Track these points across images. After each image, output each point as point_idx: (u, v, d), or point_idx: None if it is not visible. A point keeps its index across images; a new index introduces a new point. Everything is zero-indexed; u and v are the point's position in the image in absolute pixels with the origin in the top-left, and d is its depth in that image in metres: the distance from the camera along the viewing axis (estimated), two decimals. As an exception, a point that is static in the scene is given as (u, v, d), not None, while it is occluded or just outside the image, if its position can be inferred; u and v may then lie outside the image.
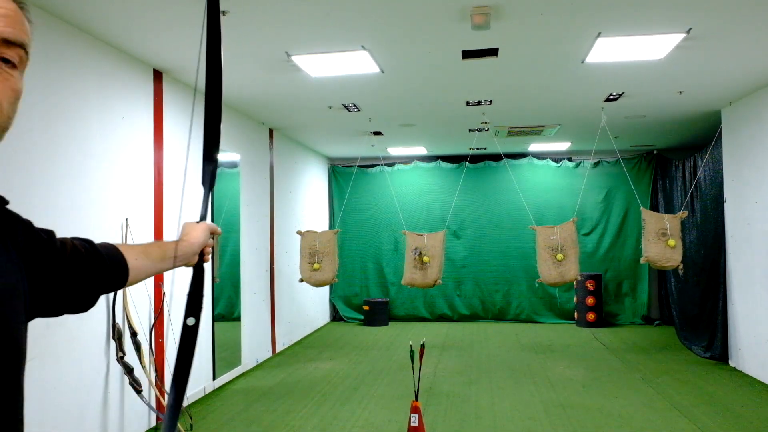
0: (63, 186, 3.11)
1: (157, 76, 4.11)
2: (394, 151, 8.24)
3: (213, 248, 1.22)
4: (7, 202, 0.85)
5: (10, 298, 0.76)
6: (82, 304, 1.01)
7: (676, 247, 5.35)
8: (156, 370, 3.95)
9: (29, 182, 2.86)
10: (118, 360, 3.47)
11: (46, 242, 0.92)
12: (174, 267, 1.17)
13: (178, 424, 3.75)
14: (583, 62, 4.10)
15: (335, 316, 8.83)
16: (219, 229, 1.24)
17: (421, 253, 5.89)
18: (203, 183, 1.18)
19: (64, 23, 3.15)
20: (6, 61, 0.69)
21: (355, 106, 5.38)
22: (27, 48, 0.71)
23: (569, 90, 4.94)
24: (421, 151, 8.36)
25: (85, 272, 0.99)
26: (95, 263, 1.01)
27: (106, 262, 1.04)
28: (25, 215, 0.90)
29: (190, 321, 1.04)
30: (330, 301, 8.74)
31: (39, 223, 0.94)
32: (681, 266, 5.39)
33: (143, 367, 3.69)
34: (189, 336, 1.04)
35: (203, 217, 1.21)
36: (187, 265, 1.19)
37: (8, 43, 0.68)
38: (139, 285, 3.64)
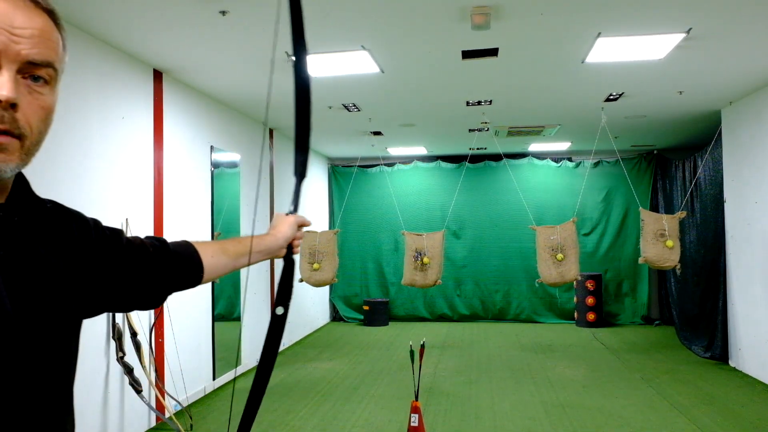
0: (63, 186, 3.11)
1: (157, 76, 4.11)
2: (394, 151, 8.24)
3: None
4: (51, 204, 0.85)
5: (52, 301, 0.76)
6: (150, 301, 1.02)
7: (674, 248, 5.35)
8: (156, 370, 3.95)
9: (29, 182, 2.86)
10: (118, 360, 3.47)
11: (110, 239, 0.94)
12: (253, 263, 1.17)
13: (178, 424, 3.75)
14: (583, 62, 4.10)
15: (335, 316, 8.83)
16: (308, 221, 1.23)
17: (422, 255, 5.89)
18: (295, 173, 1.13)
19: (64, 23, 3.15)
20: (36, 78, 0.70)
21: (355, 106, 5.39)
22: (55, 65, 0.72)
23: (569, 90, 4.94)
24: (421, 151, 8.36)
25: (152, 269, 0.99)
26: (164, 261, 1.02)
27: (177, 260, 1.05)
28: None
29: (279, 310, 1.06)
30: (330, 301, 8.74)
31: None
32: (679, 266, 5.39)
33: (143, 367, 3.69)
34: (277, 324, 1.06)
35: (295, 209, 1.18)
36: (276, 257, 1.20)
37: (35, 64, 0.69)
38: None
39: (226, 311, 5.38)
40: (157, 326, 4.02)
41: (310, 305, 7.74)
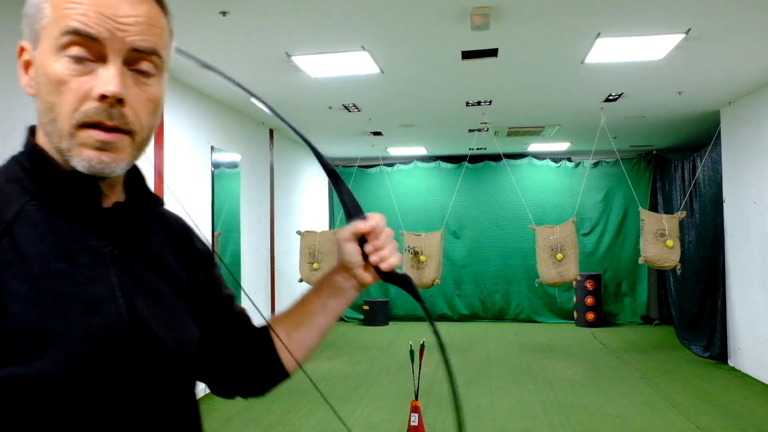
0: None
1: (158, 76, 4.11)
2: (394, 151, 8.25)
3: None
4: (160, 204, 0.80)
5: (170, 311, 0.74)
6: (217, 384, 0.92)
7: (674, 248, 5.37)
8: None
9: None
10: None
11: (216, 283, 0.87)
12: (318, 304, 0.91)
13: None
14: (582, 63, 4.11)
15: (335, 316, 8.83)
16: (363, 225, 0.85)
17: (415, 250, 5.89)
18: (333, 182, 0.92)
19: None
20: (143, 69, 0.68)
21: (355, 106, 5.39)
22: (161, 53, 0.69)
23: (569, 90, 4.95)
24: (421, 151, 8.37)
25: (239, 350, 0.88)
26: (255, 348, 0.89)
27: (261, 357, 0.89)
28: None
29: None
30: (330, 301, 8.73)
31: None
32: (679, 266, 5.40)
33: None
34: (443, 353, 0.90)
35: (350, 215, 0.88)
36: (350, 282, 0.90)
37: (139, 51, 0.66)
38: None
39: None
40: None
41: (310, 305, 7.73)
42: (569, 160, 8.51)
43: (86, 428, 0.62)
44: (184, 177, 4.49)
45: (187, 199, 4.53)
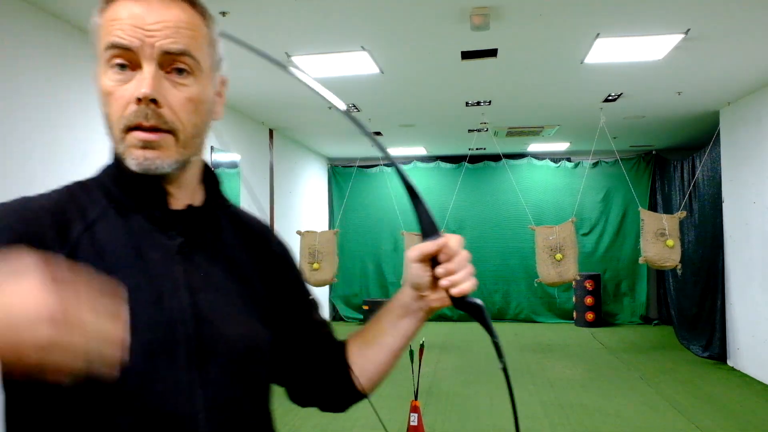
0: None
1: (158, 76, 4.12)
2: (394, 151, 8.25)
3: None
4: (228, 206, 0.84)
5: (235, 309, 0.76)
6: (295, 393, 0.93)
7: (674, 247, 5.37)
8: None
9: (29, 183, 2.87)
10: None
11: (293, 287, 0.89)
12: (389, 326, 0.88)
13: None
14: (582, 63, 4.11)
15: (335, 316, 8.84)
16: (430, 245, 0.80)
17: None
18: (410, 197, 0.83)
19: (64, 23, 3.16)
20: (180, 71, 0.70)
21: (354, 106, 5.40)
22: (192, 53, 0.71)
23: (568, 90, 4.96)
24: (421, 151, 8.37)
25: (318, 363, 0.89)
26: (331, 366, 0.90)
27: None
28: None
29: (499, 364, 0.82)
30: (330, 300, 8.74)
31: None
32: (679, 266, 5.41)
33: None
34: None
35: (426, 234, 0.82)
36: (420, 305, 0.86)
37: (170, 54, 0.69)
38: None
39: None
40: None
41: (310, 305, 7.73)
42: (569, 160, 8.52)
43: (139, 413, 0.65)
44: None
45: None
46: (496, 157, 8.24)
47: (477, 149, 7.93)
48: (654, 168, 8.12)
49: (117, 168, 0.74)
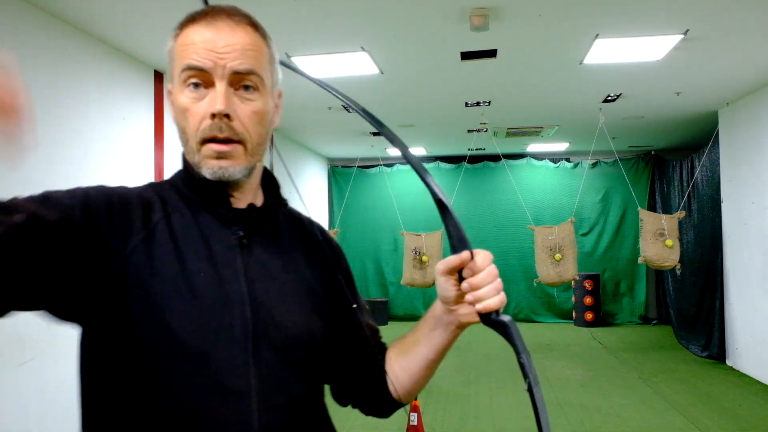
0: (63, 186, 3.11)
1: (158, 76, 4.12)
2: (394, 151, 8.25)
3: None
4: (284, 205, 0.92)
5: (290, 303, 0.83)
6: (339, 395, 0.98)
7: (673, 247, 5.38)
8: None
9: (29, 183, 2.87)
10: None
11: (341, 288, 0.94)
12: (425, 339, 0.92)
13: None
14: (581, 63, 4.12)
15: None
16: (454, 259, 0.80)
17: (420, 252, 5.91)
18: (440, 211, 0.84)
19: (65, 24, 3.16)
20: (246, 87, 0.79)
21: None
22: (258, 72, 0.80)
23: (567, 91, 4.96)
24: (420, 151, 8.38)
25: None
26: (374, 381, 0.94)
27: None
28: None
29: (525, 386, 0.77)
30: (329, 301, 8.74)
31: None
32: (678, 266, 5.41)
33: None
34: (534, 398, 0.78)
35: (454, 248, 0.81)
36: (452, 320, 0.88)
37: (239, 73, 0.78)
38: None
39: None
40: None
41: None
42: (568, 160, 8.52)
43: (199, 387, 0.72)
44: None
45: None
46: (495, 158, 8.24)
47: (476, 149, 7.94)
48: (653, 168, 8.13)
49: (186, 172, 0.84)
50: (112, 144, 3.58)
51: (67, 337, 2.89)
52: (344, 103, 0.96)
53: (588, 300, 7.82)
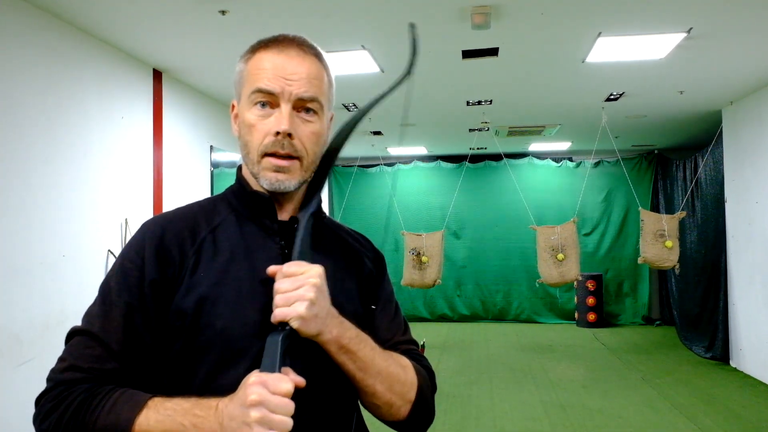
0: (62, 186, 3.10)
1: (157, 75, 4.11)
2: (394, 151, 8.24)
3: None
4: (322, 217, 1.00)
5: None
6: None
7: (673, 248, 5.35)
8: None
9: (29, 182, 2.86)
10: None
11: (373, 297, 1.02)
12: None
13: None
14: (583, 62, 4.09)
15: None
16: (272, 268, 0.86)
17: (419, 252, 5.88)
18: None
19: (64, 23, 3.15)
20: (307, 110, 0.90)
21: (355, 106, 5.38)
22: (320, 99, 0.91)
23: (570, 90, 4.94)
24: (422, 150, 8.36)
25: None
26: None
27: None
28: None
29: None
30: (330, 301, 8.72)
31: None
32: (677, 266, 5.39)
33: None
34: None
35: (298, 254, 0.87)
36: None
37: (303, 99, 0.89)
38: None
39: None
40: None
41: (311, 305, 7.71)
42: (570, 159, 8.49)
43: (237, 374, 0.78)
44: (183, 176, 4.48)
45: (187, 198, 4.51)
46: (497, 157, 8.21)
47: (478, 149, 7.91)
48: (656, 167, 8.09)
49: (239, 185, 0.96)
50: (110, 143, 3.56)
51: (64, 338, 2.83)
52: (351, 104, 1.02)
53: (590, 300, 7.79)
